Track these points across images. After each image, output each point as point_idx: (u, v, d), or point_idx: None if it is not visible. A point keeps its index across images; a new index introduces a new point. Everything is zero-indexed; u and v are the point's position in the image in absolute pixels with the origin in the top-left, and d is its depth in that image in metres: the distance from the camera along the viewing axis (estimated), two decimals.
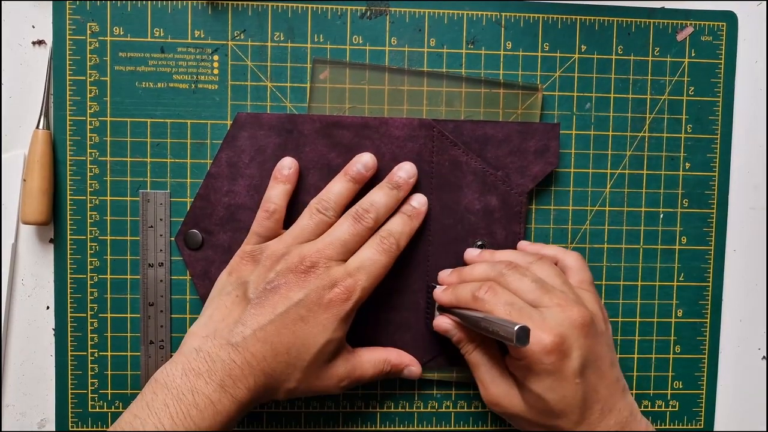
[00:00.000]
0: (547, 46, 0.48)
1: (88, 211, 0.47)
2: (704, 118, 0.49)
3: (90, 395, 0.48)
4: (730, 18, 0.49)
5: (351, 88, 0.47)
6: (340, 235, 0.42)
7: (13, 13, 0.47)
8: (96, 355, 0.48)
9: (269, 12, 0.47)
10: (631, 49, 0.49)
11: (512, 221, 0.47)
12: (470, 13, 0.48)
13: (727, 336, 0.51)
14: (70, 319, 0.47)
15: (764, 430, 0.51)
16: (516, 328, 0.36)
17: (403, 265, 0.47)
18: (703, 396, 0.51)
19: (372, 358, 0.45)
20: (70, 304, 0.47)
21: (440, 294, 0.44)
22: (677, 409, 0.51)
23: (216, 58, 0.47)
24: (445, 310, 0.44)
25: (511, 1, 0.48)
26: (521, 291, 0.40)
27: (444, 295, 0.44)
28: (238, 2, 0.47)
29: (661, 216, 0.50)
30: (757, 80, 0.50)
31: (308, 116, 0.46)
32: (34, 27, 0.47)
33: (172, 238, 0.47)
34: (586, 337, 0.39)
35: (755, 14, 0.50)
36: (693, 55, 0.49)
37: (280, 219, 0.44)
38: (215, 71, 0.47)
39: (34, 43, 0.47)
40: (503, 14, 0.48)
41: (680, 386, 0.51)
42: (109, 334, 0.48)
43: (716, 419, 0.51)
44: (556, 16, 0.48)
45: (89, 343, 0.47)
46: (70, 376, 0.47)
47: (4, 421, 0.48)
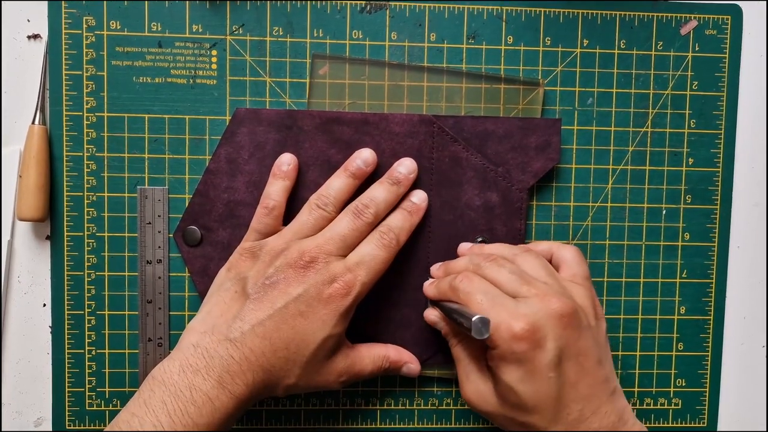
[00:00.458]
0: (548, 40, 0.48)
1: (85, 208, 0.47)
2: (708, 113, 0.49)
3: (87, 393, 0.47)
4: (735, 11, 0.48)
5: (351, 83, 0.47)
6: (340, 231, 0.42)
7: (8, 7, 0.46)
8: (93, 352, 0.47)
9: (268, 6, 0.47)
10: (634, 44, 0.48)
11: (513, 218, 0.47)
12: (471, 7, 0.47)
13: (731, 333, 0.51)
14: (67, 317, 0.47)
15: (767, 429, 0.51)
16: (474, 318, 0.35)
17: (403, 262, 0.46)
18: (707, 394, 0.50)
19: (371, 354, 0.45)
20: (67, 302, 0.47)
21: (426, 286, 0.45)
22: (680, 407, 0.50)
23: (214, 53, 0.46)
24: (435, 303, 0.44)
25: None
26: (499, 281, 0.40)
27: (429, 287, 0.44)
28: None
29: (664, 212, 0.49)
30: (762, 75, 0.50)
31: (308, 112, 0.46)
32: (29, 21, 0.46)
33: (171, 235, 0.47)
34: (564, 328, 0.38)
35: (760, 7, 0.49)
36: (697, 49, 0.48)
37: (279, 215, 0.44)
38: (213, 66, 0.47)
39: (29, 38, 0.46)
40: (504, 8, 0.47)
41: (683, 384, 0.50)
42: (106, 332, 0.47)
43: (719, 417, 0.51)
44: (557, 10, 0.48)
45: (86, 340, 0.47)
46: (67, 374, 0.47)
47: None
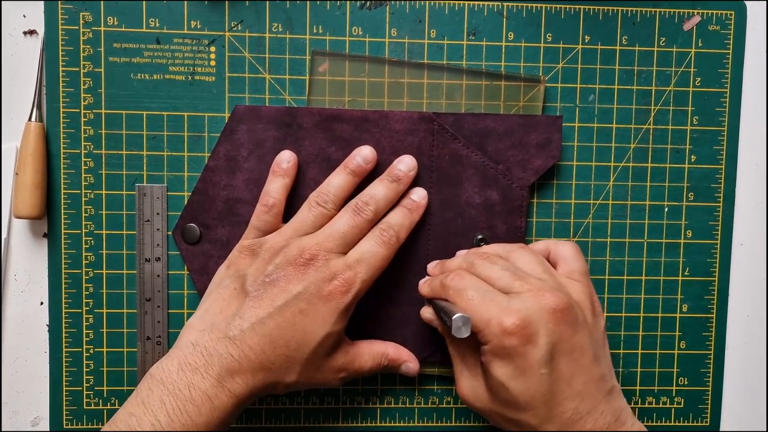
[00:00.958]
0: (549, 36, 0.47)
1: (83, 205, 0.46)
2: (711, 110, 0.49)
3: (85, 392, 0.47)
4: (739, 7, 0.48)
5: (350, 80, 0.47)
6: (340, 228, 0.42)
7: (4, 2, 0.46)
8: (91, 351, 0.47)
9: (267, 2, 0.46)
10: (636, 40, 0.48)
11: (513, 215, 0.47)
12: (471, 3, 0.47)
13: (734, 332, 0.50)
14: (64, 315, 0.47)
15: None
16: (455, 316, 0.35)
17: (403, 260, 0.46)
18: (709, 393, 0.50)
19: (371, 351, 0.45)
20: (64, 300, 0.47)
21: (421, 285, 0.44)
22: (682, 405, 0.50)
23: (213, 49, 0.46)
24: (429, 301, 0.44)
25: None
26: (491, 278, 0.40)
27: (423, 285, 0.44)
28: None
29: (666, 209, 0.49)
30: (765, 71, 0.49)
31: (307, 109, 0.45)
32: (25, 16, 0.46)
33: (169, 233, 0.47)
34: (558, 323, 0.37)
35: (764, 3, 0.49)
36: (700, 45, 0.48)
37: (279, 213, 0.44)
38: (212, 63, 0.46)
39: (25, 33, 0.46)
40: (505, 4, 0.47)
41: (685, 383, 0.50)
42: (104, 330, 0.47)
43: (722, 416, 0.50)
44: (558, 6, 0.47)
45: (84, 339, 0.47)
46: (64, 373, 0.47)
47: None
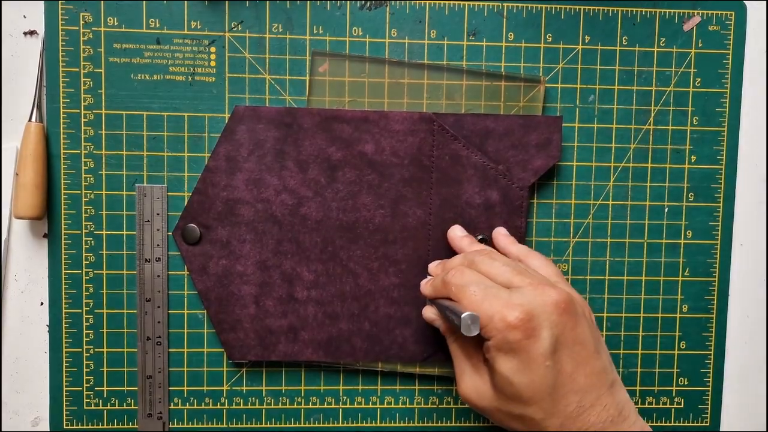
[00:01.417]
0: (549, 37, 0.47)
1: (83, 206, 0.46)
2: (711, 110, 0.49)
3: (85, 393, 0.47)
4: (739, 7, 0.48)
5: (351, 81, 0.46)
6: None
7: (4, 2, 0.46)
8: (91, 351, 0.47)
9: (267, 3, 0.46)
10: (636, 40, 0.48)
11: (513, 215, 0.47)
12: (471, 3, 0.47)
13: (734, 332, 0.50)
14: (64, 315, 0.47)
15: None
16: (464, 315, 0.35)
17: (404, 260, 0.46)
18: (709, 393, 0.50)
19: None
20: (64, 300, 0.47)
21: (423, 285, 0.44)
22: (682, 406, 0.50)
23: (213, 49, 0.46)
24: (432, 301, 0.44)
25: None
26: (492, 273, 0.40)
27: (425, 286, 0.43)
28: None
29: (666, 210, 0.49)
30: (765, 71, 0.49)
31: (307, 110, 0.45)
32: (25, 17, 0.46)
33: (169, 233, 0.47)
34: (561, 315, 0.37)
35: (765, 3, 0.49)
36: (700, 45, 0.48)
37: None
38: (212, 63, 0.46)
39: (25, 34, 0.46)
40: (505, 4, 0.47)
41: (686, 383, 0.50)
42: (104, 331, 0.47)
43: (722, 416, 0.50)
44: (558, 6, 0.47)
45: (84, 339, 0.47)
46: (64, 373, 0.47)
47: None
